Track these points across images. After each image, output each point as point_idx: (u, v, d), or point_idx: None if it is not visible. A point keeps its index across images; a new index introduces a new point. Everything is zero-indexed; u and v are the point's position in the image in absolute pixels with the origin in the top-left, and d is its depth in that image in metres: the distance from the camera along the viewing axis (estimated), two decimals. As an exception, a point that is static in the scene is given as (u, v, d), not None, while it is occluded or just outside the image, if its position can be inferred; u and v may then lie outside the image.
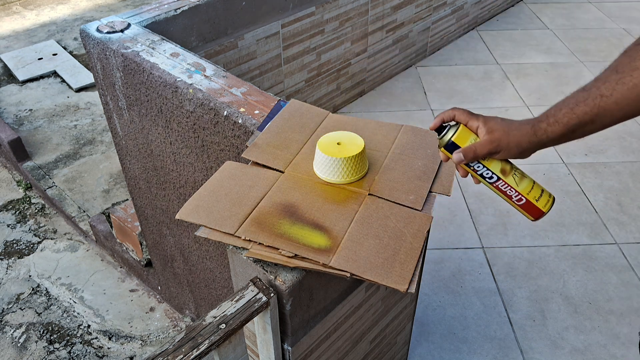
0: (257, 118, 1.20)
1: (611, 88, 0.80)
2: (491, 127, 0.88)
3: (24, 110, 3.42)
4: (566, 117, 0.84)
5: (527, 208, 0.93)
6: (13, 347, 2.07)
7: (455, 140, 0.90)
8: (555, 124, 0.84)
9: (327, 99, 3.03)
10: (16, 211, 2.73)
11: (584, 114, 0.83)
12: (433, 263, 2.21)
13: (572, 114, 0.83)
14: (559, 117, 0.84)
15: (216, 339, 0.88)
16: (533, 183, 0.93)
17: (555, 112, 0.85)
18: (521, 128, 0.87)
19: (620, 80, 0.79)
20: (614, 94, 0.80)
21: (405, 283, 0.88)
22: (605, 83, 0.81)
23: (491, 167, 0.91)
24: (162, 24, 1.74)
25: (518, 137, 0.86)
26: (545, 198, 0.93)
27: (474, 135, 0.90)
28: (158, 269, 2.11)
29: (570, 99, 0.85)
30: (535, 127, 0.86)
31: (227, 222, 0.96)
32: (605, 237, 2.32)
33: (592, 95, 0.82)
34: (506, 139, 0.87)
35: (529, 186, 0.92)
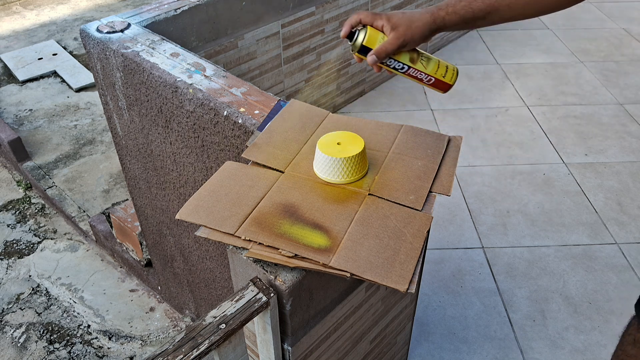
0: (257, 118, 1.20)
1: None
2: (395, 23, 0.95)
3: (24, 110, 3.43)
4: (463, 9, 0.92)
5: (436, 85, 1.04)
6: (13, 347, 2.07)
7: (366, 44, 0.98)
8: (453, 14, 0.93)
9: (327, 99, 3.03)
10: (16, 211, 2.73)
11: (479, 10, 0.91)
12: (433, 263, 2.21)
13: (468, 7, 0.91)
14: (457, 9, 0.93)
15: (216, 339, 0.88)
16: (438, 63, 1.02)
17: (455, 3, 0.93)
18: (422, 18, 0.94)
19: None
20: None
21: (405, 283, 0.88)
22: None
23: (401, 59, 1.00)
24: (162, 24, 1.74)
25: (420, 27, 0.94)
26: (450, 73, 1.04)
27: (381, 34, 0.98)
28: (158, 269, 2.11)
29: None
30: (434, 16, 0.94)
31: (227, 222, 0.96)
32: (605, 237, 2.32)
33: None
34: (410, 32, 0.95)
35: (435, 66, 1.02)
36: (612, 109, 3.14)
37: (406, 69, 1.02)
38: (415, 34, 0.95)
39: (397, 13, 0.97)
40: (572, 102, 3.21)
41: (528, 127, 3.01)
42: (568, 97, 3.26)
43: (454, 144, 1.19)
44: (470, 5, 0.91)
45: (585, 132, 2.95)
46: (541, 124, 3.03)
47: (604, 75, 3.46)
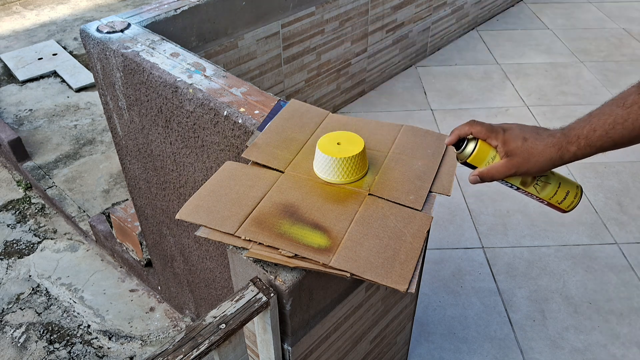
0: (257, 118, 1.20)
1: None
2: (511, 150, 0.82)
3: (24, 110, 3.42)
4: (600, 140, 0.75)
5: (551, 207, 0.93)
6: (13, 347, 2.07)
7: (470, 162, 0.87)
8: (587, 147, 0.77)
9: (327, 99, 3.03)
10: (16, 211, 2.73)
11: (620, 137, 0.73)
12: (433, 263, 2.21)
13: (607, 137, 0.74)
14: (592, 141, 0.76)
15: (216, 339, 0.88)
16: (557, 187, 0.90)
17: (587, 133, 0.76)
18: (545, 153, 0.80)
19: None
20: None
21: (405, 283, 0.88)
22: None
23: (511, 181, 0.89)
24: (162, 24, 1.74)
25: (541, 163, 0.81)
26: (570, 199, 0.90)
27: (492, 152, 0.85)
28: (158, 269, 2.11)
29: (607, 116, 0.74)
30: (562, 151, 0.79)
31: (227, 222, 0.96)
32: (605, 237, 2.32)
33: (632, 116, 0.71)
34: (526, 166, 0.82)
35: (551, 192, 0.90)
36: (612, 109, 3.13)
37: (515, 188, 0.91)
38: (532, 169, 0.82)
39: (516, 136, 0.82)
40: (572, 102, 3.21)
41: (528, 127, 3.00)
42: (568, 97, 3.26)
43: (454, 144, 1.19)
44: (609, 134, 0.74)
45: (585, 132, 2.94)
46: (541, 124, 3.02)
47: (604, 75, 3.46)
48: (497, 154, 0.85)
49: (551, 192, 0.89)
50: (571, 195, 0.91)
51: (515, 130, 0.83)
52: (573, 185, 0.91)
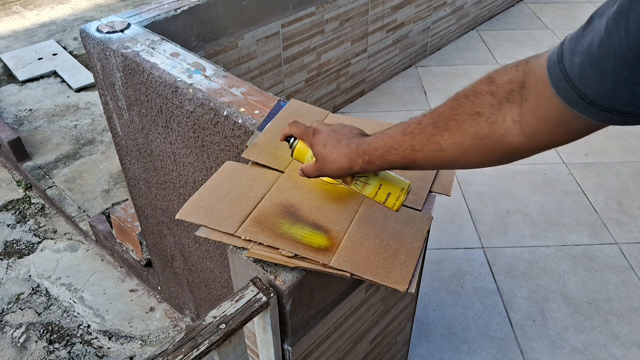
0: (257, 118, 1.20)
1: (422, 143, 0.74)
2: (315, 153, 0.91)
3: (24, 110, 3.43)
4: (379, 160, 0.81)
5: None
6: (13, 347, 2.07)
7: (295, 157, 0.99)
8: (369, 163, 0.83)
9: (327, 99, 3.03)
10: (16, 211, 2.73)
11: (394, 162, 0.80)
12: (433, 263, 2.21)
13: (383, 159, 0.81)
14: (373, 158, 0.82)
15: (216, 339, 0.88)
16: (378, 188, 0.93)
17: (371, 151, 0.82)
18: (337, 161, 0.87)
19: (432, 137, 0.73)
20: (424, 149, 0.74)
21: (405, 283, 0.88)
22: (420, 134, 0.75)
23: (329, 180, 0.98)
24: (162, 24, 1.74)
25: (335, 170, 0.88)
26: (392, 200, 0.93)
27: (310, 151, 0.95)
28: (158, 269, 2.10)
29: (388, 138, 0.80)
30: (352, 162, 0.85)
31: (227, 222, 0.96)
32: (605, 237, 2.32)
33: (405, 144, 0.76)
34: (326, 170, 0.90)
35: (373, 191, 0.93)
36: (612, 109, 3.13)
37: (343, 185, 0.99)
38: (331, 173, 0.90)
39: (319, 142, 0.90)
40: (572, 102, 3.20)
41: (528, 127, 3.00)
42: (568, 97, 3.25)
43: (454, 144, 1.19)
44: (384, 157, 0.80)
45: (585, 132, 2.94)
46: (541, 124, 3.02)
47: (604, 75, 3.46)
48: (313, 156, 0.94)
49: (372, 193, 0.94)
50: (393, 196, 0.93)
51: (321, 136, 0.90)
52: (396, 187, 0.93)
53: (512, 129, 0.64)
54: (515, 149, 0.66)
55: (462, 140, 0.69)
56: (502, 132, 0.65)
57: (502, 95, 0.65)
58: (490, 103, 0.66)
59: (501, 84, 0.66)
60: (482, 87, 0.68)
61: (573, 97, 0.57)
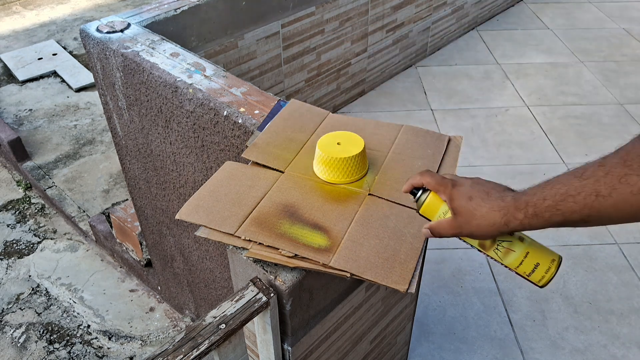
0: (257, 118, 1.20)
1: (611, 186, 0.60)
2: (455, 208, 0.76)
3: (23, 110, 3.42)
4: (549, 211, 0.66)
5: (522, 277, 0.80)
6: (13, 347, 2.07)
7: (422, 213, 0.83)
8: (534, 217, 0.68)
9: (327, 99, 3.03)
10: (16, 211, 2.73)
11: (571, 213, 0.64)
12: (433, 263, 2.21)
13: (555, 209, 0.66)
14: (540, 210, 0.67)
15: (216, 339, 0.88)
16: (524, 256, 0.78)
17: (537, 202, 0.68)
18: (488, 216, 0.72)
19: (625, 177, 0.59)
20: (614, 194, 0.60)
21: (405, 283, 0.88)
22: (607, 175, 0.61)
23: (468, 241, 0.81)
24: (162, 24, 1.74)
25: (483, 226, 0.73)
26: (541, 272, 0.78)
27: (443, 206, 0.80)
28: (158, 269, 2.10)
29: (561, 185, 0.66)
30: (508, 217, 0.71)
31: (227, 222, 0.96)
32: (605, 237, 2.32)
33: (586, 190, 0.62)
34: (469, 229, 0.75)
35: (517, 260, 0.78)
36: (612, 109, 3.14)
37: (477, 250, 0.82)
38: (475, 232, 0.75)
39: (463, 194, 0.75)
40: (572, 102, 3.20)
41: (528, 127, 3.01)
42: (568, 97, 3.26)
43: (454, 143, 1.19)
44: (558, 206, 0.65)
45: (586, 132, 2.94)
46: (541, 124, 3.02)
47: (604, 75, 3.46)
48: (448, 210, 0.79)
49: (516, 262, 0.78)
50: (542, 268, 0.77)
51: (464, 187, 0.77)
52: (546, 257, 0.78)
53: None
54: None
55: None
56: None
57: None
58: None
59: None
60: None
61: None
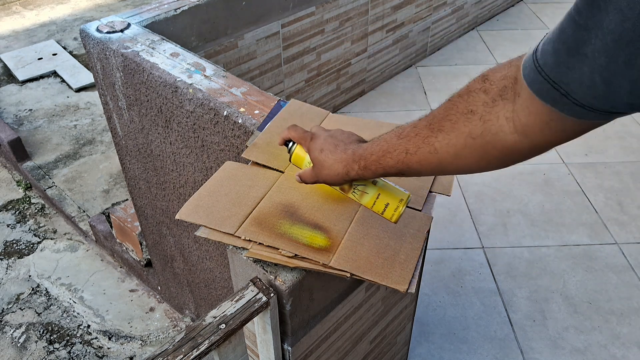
0: (257, 118, 1.20)
1: (416, 146, 0.72)
2: (312, 158, 0.89)
3: (23, 110, 3.43)
4: (374, 165, 0.78)
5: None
6: (13, 347, 2.07)
7: (293, 162, 0.98)
8: (365, 169, 0.80)
9: (327, 99, 3.03)
10: (16, 211, 2.73)
11: (390, 167, 0.76)
12: (433, 263, 2.21)
13: (378, 164, 0.78)
14: (368, 163, 0.79)
15: (216, 339, 0.88)
16: (376, 197, 0.91)
17: (367, 156, 0.79)
18: (333, 167, 0.84)
19: (427, 139, 0.70)
20: (418, 152, 0.71)
21: (405, 283, 0.88)
22: (415, 137, 0.72)
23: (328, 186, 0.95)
24: (162, 24, 1.74)
25: (331, 175, 0.86)
26: (390, 211, 0.91)
27: (307, 157, 0.92)
28: (158, 269, 2.10)
29: (384, 142, 0.77)
30: (347, 168, 0.83)
31: (227, 222, 0.96)
32: (605, 237, 2.32)
33: (399, 147, 0.74)
34: (322, 176, 0.87)
35: (371, 200, 0.92)
36: (612, 109, 3.14)
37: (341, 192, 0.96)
38: (327, 179, 0.87)
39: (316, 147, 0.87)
40: (572, 102, 3.20)
41: (528, 127, 3.01)
42: (568, 97, 3.25)
43: (454, 144, 1.19)
44: (379, 161, 0.77)
45: (585, 132, 2.94)
46: (541, 124, 3.02)
47: (604, 75, 3.46)
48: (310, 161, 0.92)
49: (370, 202, 0.92)
50: (391, 207, 0.91)
51: (319, 140, 0.88)
52: (395, 198, 0.91)
53: (505, 127, 0.62)
54: (510, 148, 0.63)
55: (456, 140, 0.67)
56: (495, 131, 0.63)
57: (495, 92, 0.64)
58: (483, 101, 0.65)
59: (494, 81, 0.65)
60: (476, 86, 0.67)
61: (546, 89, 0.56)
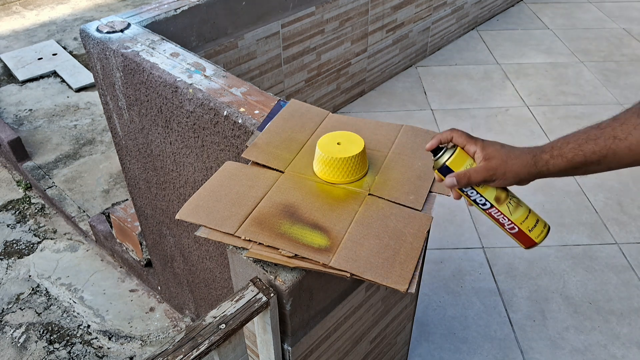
0: (257, 118, 1.20)
1: (627, 131, 0.75)
2: (489, 153, 0.85)
3: (23, 110, 3.42)
4: (572, 152, 0.79)
5: (519, 237, 0.91)
6: (13, 347, 2.07)
7: (449, 165, 0.88)
8: (558, 157, 0.81)
9: (327, 99, 3.03)
10: (16, 211, 2.73)
11: (591, 153, 0.78)
12: (433, 263, 2.21)
13: (578, 150, 0.79)
14: (564, 151, 0.80)
15: (216, 339, 0.88)
16: (528, 212, 0.89)
17: (561, 145, 0.81)
18: (521, 157, 0.83)
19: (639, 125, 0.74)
20: (629, 138, 0.75)
21: (405, 283, 0.88)
22: (623, 125, 0.76)
23: (485, 194, 0.89)
24: (162, 24, 1.74)
25: (517, 166, 0.83)
26: (539, 228, 0.90)
27: (470, 159, 0.88)
28: (158, 269, 2.10)
29: (581, 133, 0.80)
30: (536, 158, 0.82)
31: (227, 222, 0.96)
32: (606, 237, 2.32)
33: (605, 134, 0.77)
34: (503, 168, 0.84)
35: (523, 216, 0.89)
36: (612, 109, 3.14)
37: (488, 206, 0.90)
38: (508, 172, 0.84)
39: (495, 143, 0.86)
40: (572, 102, 3.20)
41: (528, 127, 3.01)
42: (568, 97, 3.26)
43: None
44: (581, 147, 0.78)
45: (585, 132, 2.94)
46: (541, 124, 3.02)
47: (604, 75, 3.46)
48: (474, 162, 0.88)
49: (522, 216, 0.89)
50: (540, 225, 0.90)
51: (493, 141, 0.88)
52: (541, 219, 0.91)
53: None
54: None
55: None
56: None
57: None
58: None
59: None
60: None
61: None
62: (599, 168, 0.79)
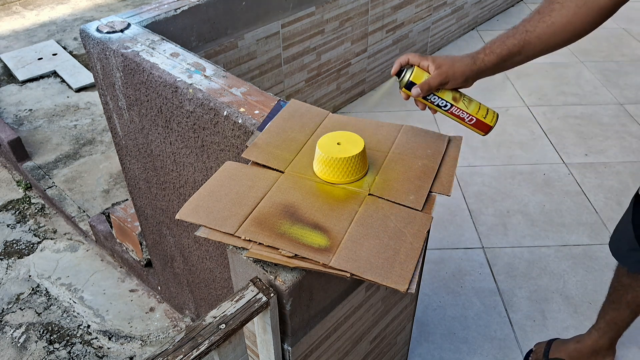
0: (257, 118, 1.20)
1: (534, 25, 0.99)
2: (439, 63, 1.06)
3: (23, 110, 3.43)
4: (499, 48, 1.02)
5: (477, 125, 1.13)
6: (13, 347, 2.07)
7: (412, 80, 1.09)
8: (490, 54, 1.03)
9: (327, 99, 3.03)
10: (16, 211, 2.73)
11: (512, 46, 1.01)
12: (433, 263, 2.21)
13: (503, 45, 1.01)
14: (493, 48, 1.02)
15: (216, 339, 0.88)
16: (479, 105, 1.11)
17: (490, 45, 1.03)
18: (463, 60, 1.05)
19: (541, 19, 0.98)
20: (536, 29, 0.98)
21: (405, 283, 0.88)
22: (530, 21, 0.99)
23: (444, 96, 1.10)
24: (162, 24, 1.74)
25: (461, 67, 1.05)
26: (491, 115, 1.12)
27: (426, 73, 1.08)
28: (158, 269, 2.11)
29: (503, 34, 1.02)
30: (474, 58, 1.04)
31: (227, 222, 0.96)
32: (606, 237, 2.32)
33: (519, 30, 1.00)
34: (452, 70, 1.05)
35: (476, 108, 1.11)
36: (612, 109, 3.14)
37: (449, 107, 1.10)
38: (456, 72, 1.05)
39: (441, 56, 1.08)
40: (572, 102, 3.21)
41: (528, 127, 3.01)
42: (568, 97, 3.26)
43: (454, 143, 1.19)
44: (505, 42, 1.01)
45: (586, 132, 2.94)
46: (541, 124, 3.03)
47: (604, 75, 3.46)
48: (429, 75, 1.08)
49: (476, 108, 1.11)
50: (490, 112, 1.12)
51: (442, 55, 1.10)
52: (491, 110, 1.13)
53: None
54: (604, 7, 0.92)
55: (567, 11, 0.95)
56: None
57: None
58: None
59: None
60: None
61: None
62: (521, 58, 1.02)
